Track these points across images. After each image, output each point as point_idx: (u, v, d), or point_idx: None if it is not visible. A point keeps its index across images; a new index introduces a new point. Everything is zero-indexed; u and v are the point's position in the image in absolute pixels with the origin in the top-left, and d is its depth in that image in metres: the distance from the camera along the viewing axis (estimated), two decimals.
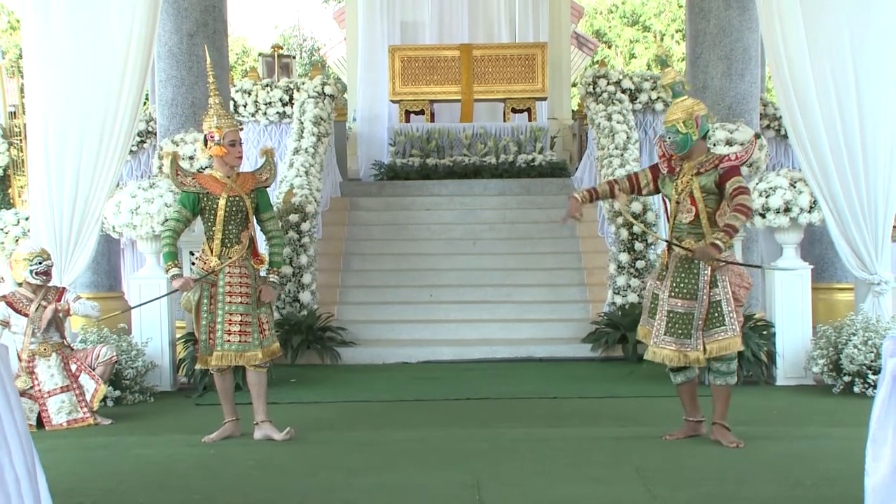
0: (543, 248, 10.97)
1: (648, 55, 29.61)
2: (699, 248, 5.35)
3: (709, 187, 5.42)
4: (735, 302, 5.48)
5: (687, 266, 5.45)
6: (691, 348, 5.45)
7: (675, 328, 5.46)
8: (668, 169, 5.58)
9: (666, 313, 5.47)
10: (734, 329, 5.40)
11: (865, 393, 6.83)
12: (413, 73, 13.35)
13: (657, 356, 5.51)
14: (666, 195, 5.59)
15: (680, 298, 5.45)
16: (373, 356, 9.14)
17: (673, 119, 5.48)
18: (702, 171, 5.45)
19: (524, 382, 7.94)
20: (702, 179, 5.43)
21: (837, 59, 7.29)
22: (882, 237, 7.47)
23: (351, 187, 12.53)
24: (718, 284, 5.43)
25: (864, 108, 7.29)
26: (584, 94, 12.19)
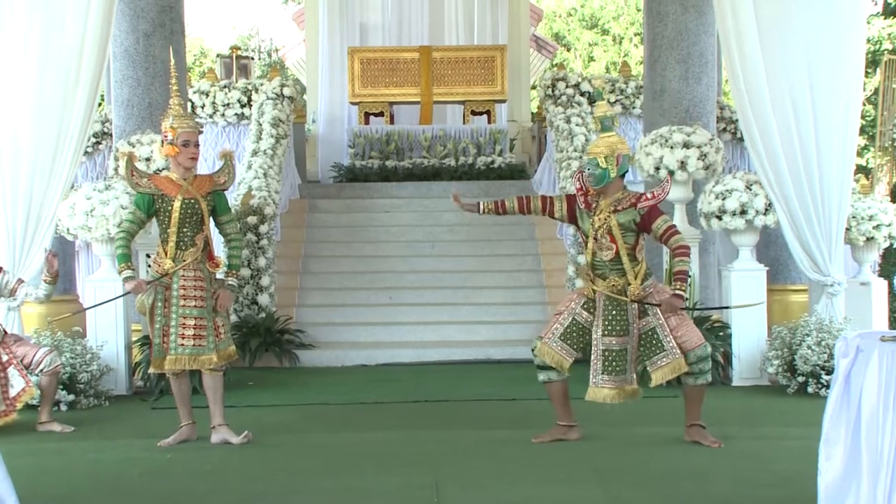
0: (502, 250, 10.99)
1: (607, 58, 29.80)
2: (665, 303, 5.43)
3: (627, 225, 5.48)
4: (677, 316, 5.52)
5: (615, 302, 5.50)
6: (628, 382, 5.53)
7: (612, 366, 5.50)
8: (584, 204, 5.61)
9: (601, 353, 5.51)
10: (675, 352, 5.45)
11: (819, 393, 6.92)
12: (372, 74, 13.32)
13: (597, 396, 5.55)
14: (583, 230, 5.62)
15: (614, 336, 5.50)
16: (331, 359, 9.10)
17: (595, 152, 5.53)
18: (619, 208, 5.50)
19: (483, 384, 7.95)
20: (620, 217, 5.48)
21: (792, 64, 7.38)
22: (835, 239, 7.57)
23: (310, 189, 12.48)
24: (648, 312, 5.50)
25: (818, 112, 7.39)
26: (543, 97, 12.24)
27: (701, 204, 7.87)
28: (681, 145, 8.11)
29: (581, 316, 5.61)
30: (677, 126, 8.40)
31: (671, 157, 8.04)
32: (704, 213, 7.81)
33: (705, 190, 7.89)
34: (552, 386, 5.72)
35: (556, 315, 5.73)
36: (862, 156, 22.13)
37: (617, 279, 5.49)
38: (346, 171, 12.77)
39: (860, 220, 8.07)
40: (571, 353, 5.62)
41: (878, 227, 8.10)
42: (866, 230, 8.09)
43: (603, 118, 5.63)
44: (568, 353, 5.60)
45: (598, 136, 5.66)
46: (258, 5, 42.21)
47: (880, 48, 24.57)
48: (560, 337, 5.60)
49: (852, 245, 8.23)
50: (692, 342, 5.51)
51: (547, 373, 5.68)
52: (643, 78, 9.62)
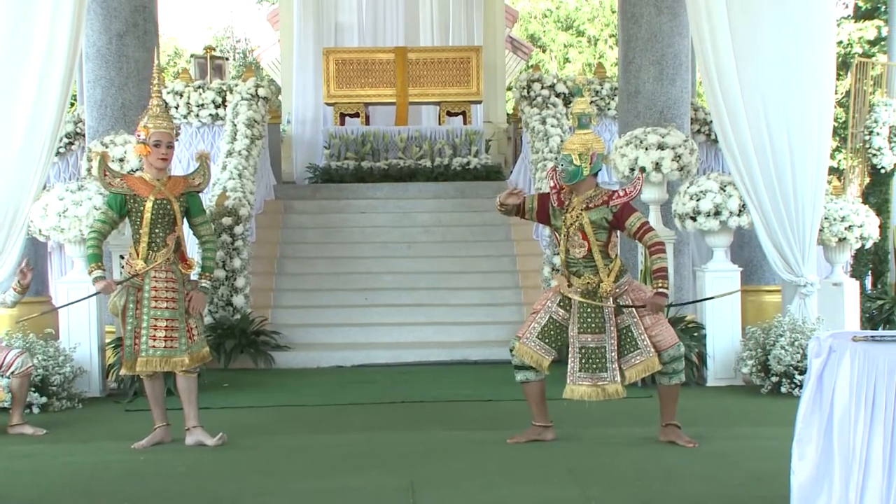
0: (478, 251, 11.00)
1: (582, 60, 29.90)
2: (649, 303, 5.46)
3: (599, 222, 5.49)
4: (652, 314, 5.55)
5: (591, 299, 5.51)
6: (608, 381, 5.51)
7: (590, 363, 5.51)
8: (557, 202, 5.63)
9: (578, 350, 5.52)
10: (649, 351, 5.48)
11: (792, 393, 6.97)
12: (348, 75, 13.29)
13: (575, 394, 5.55)
14: (555, 227, 5.64)
15: (590, 333, 5.51)
16: (307, 360, 9.08)
17: (570, 148, 5.55)
18: (591, 206, 5.51)
19: (459, 385, 7.95)
20: (592, 214, 5.49)
21: (764, 66, 7.42)
22: (808, 241, 7.63)
23: (285, 190, 12.44)
24: (624, 310, 5.52)
25: (791, 114, 7.44)
26: (518, 98, 12.27)
27: (675, 205, 7.91)
28: (655, 146, 8.14)
29: (558, 314, 5.61)
30: (652, 127, 8.44)
31: (646, 159, 8.08)
32: (679, 214, 7.85)
33: (680, 191, 7.93)
34: (529, 386, 5.72)
35: (532, 314, 5.74)
36: (834, 158, 22.33)
37: (591, 277, 5.51)
38: (322, 172, 12.74)
39: (832, 222, 8.14)
40: (550, 351, 5.62)
41: (850, 228, 8.17)
42: (838, 231, 8.15)
43: (581, 115, 5.64)
44: (546, 352, 5.61)
45: (574, 133, 5.67)
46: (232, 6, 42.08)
47: (851, 51, 24.81)
48: (538, 336, 5.61)
49: (825, 246, 8.29)
50: (666, 342, 5.54)
51: (525, 373, 5.69)
52: (618, 79, 9.66)
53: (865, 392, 3.35)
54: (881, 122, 10.06)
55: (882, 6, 24.88)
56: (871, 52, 24.50)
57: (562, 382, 5.63)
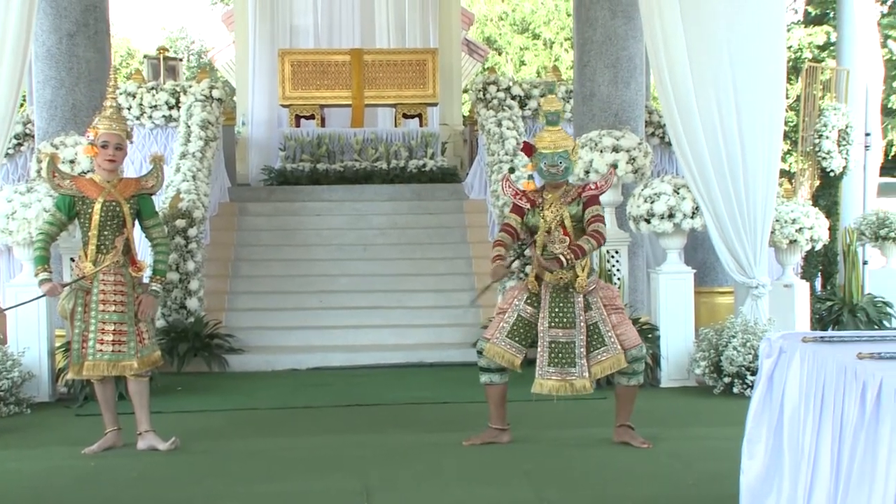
0: (434, 253, 11.00)
1: (538, 62, 30.03)
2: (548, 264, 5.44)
3: (577, 216, 5.56)
4: (617, 312, 5.59)
5: (563, 294, 5.54)
6: (576, 376, 5.51)
7: (559, 358, 5.51)
8: (529, 202, 5.65)
9: (548, 344, 5.52)
10: (615, 347, 5.51)
11: (744, 393, 7.04)
12: (303, 77, 13.24)
13: (543, 388, 5.54)
14: (532, 226, 5.64)
15: (560, 328, 5.52)
16: (262, 363, 9.02)
17: (564, 145, 5.57)
18: (568, 200, 5.57)
19: (415, 388, 7.94)
20: (571, 209, 5.56)
21: (717, 70, 7.49)
22: (760, 243, 7.71)
23: (240, 192, 12.35)
24: (592, 307, 5.55)
25: (743, 117, 7.51)
26: (474, 101, 12.28)
27: (630, 207, 7.97)
28: (610, 149, 8.20)
29: (526, 311, 5.62)
30: (607, 130, 8.49)
31: (601, 161, 8.13)
32: (633, 217, 7.91)
33: (634, 193, 7.98)
34: (493, 388, 5.72)
35: (499, 314, 5.73)
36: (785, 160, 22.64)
37: (564, 272, 5.52)
38: (277, 174, 12.67)
39: (783, 224, 8.23)
40: (521, 349, 5.62)
41: (801, 230, 8.27)
42: (789, 233, 8.25)
43: (556, 112, 5.66)
44: (518, 351, 5.61)
45: (547, 130, 5.64)
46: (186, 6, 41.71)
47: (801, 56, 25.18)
48: (507, 335, 5.61)
49: (776, 248, 8.39)
50: (630, 341, 5.57)
51: (490, 375, 5.69)
52: (573, 82, 9.70)
53: (814, 392, 3.38)
54: (830, 126, 10.20)
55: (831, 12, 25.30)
56: (821, 57, 24.89)
57: (522, 384, 5.64)
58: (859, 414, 3.03)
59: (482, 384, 5.75)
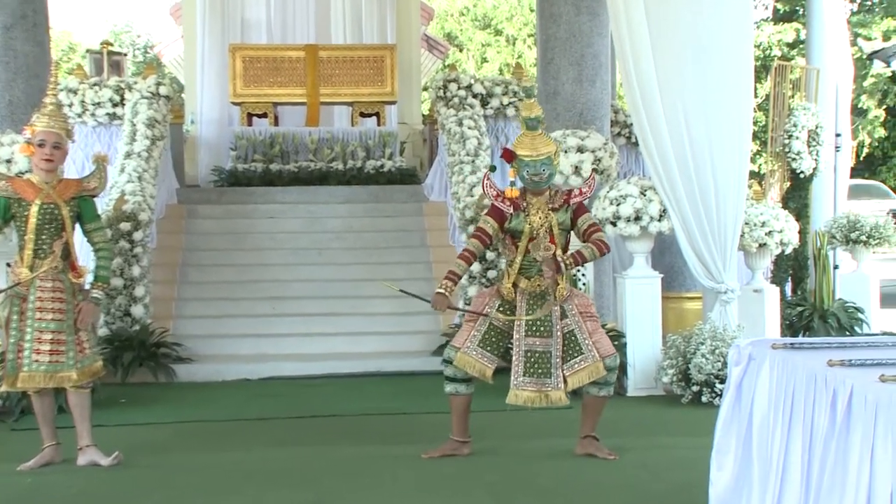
0: (392, 257, 10.97)
1: (500, 59, 30.12)
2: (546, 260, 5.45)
3: (565, 223, 5.59)
4: (592, 320, 5.61)
5: (540, 303, 5.54)
6: (552, 387, 5.50)
7: (535, 368, 5.51)
8: (512, 206, 5.64)
9: (524, 353, 5.51)
10: (593, 355, 5.52)
11: (713, 402, 7.08)
12: (255, 73, 13.15)
13: (518, 399, 5.53)
14: (516, 232, 5.62)
15: (538, 337, 5.51)
16: (211, 373, 8.94)
17: (547, 151, 5.55)
18: (555, 206, 5.60)
19: (372, 398, 7.92)
20: (559, 216, 5.58)
21: (684, 66, 7.53)
22: (729, 246, 7.77)
23: (189, 194, 12.24)
24: (568, 315, 5.57)
25: (710, 115, 7.56)
26: (434, 99, 12.28)
27: (595, 210, 8.00)
28: (575, 149, 8.22)
29: (498, 319, 5.61)
30: (571, 130, 8.52)
31: (565, 162, 8.15)
32: (599, 219, 7.93)
33: (600, 195, 8.02)
34: (458, 399, 5.70)
35: (468, 321, 5.71)
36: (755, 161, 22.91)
37: (542, 280, 5.51)
38: (228, 174, 12.58)
39: (753, 227, 8.30)
40: (493, 359, 5.60)
41: (771, 233, 8.34)
42: (759, 236, 8.32)
43: (538, 117, 5.64)
44: (489, 360, 5.58)
45: (526, 134, 5.62)
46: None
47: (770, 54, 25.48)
48: (479, 344, 5.58)
49: (745, 251, 8.46)
50: (605, 350, 5.58)
51: (456, 385, 5.66)
52: (536, 80, 9.73)
53: (784, 400, 3.41)
54: (800, 127, 10.31)
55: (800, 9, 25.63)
56: (791, 55, 25.21)
57: (486, 394, 5.63)
58: (829, 423, 3.06)
59: (447, 394, 5.72)
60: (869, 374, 3.06)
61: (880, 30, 25.35)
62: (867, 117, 25.93)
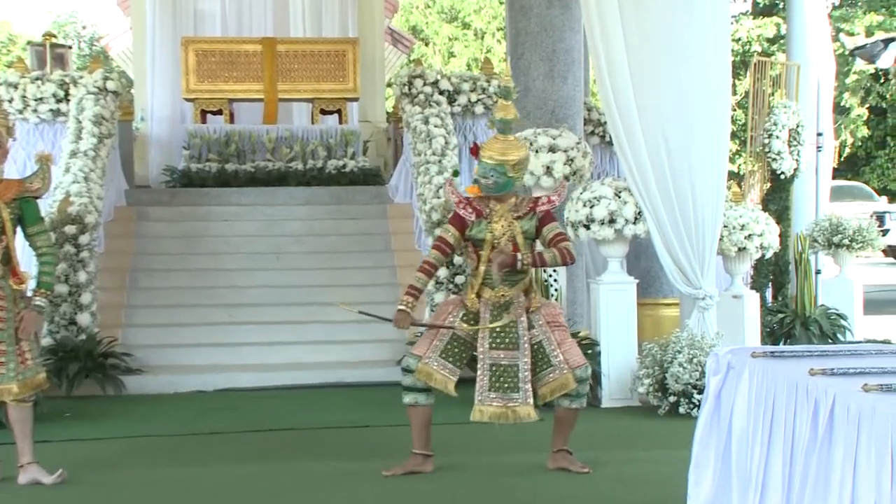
0: (355, 262, 10.96)
1: (468, 54, 30.17)
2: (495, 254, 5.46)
3: (530, 232, 5.58)
4: (561, 330, 5.63)
5: (505, 313, 5.54)
6: (520, 402, 5.48)
7: (500, 382, 5.49)
8: (475, 213, 5.64)
9: (489, 367, 5.50)
10: (563, 367, 5.52)
11: (691, 413, 7.12)
12: (209, 68, 13.09)
13: (484, 415, 5.51)
14: (477, 240, 5.62)
15: (503, 350, 5.50)
16: (163, 385, 8.89)
17: (503, 159, 5.51)
18: (520, 214, 5.59)
19: (334, 410, 7.90)
20: (523, 224, 5.57)
21: (658, 60, 7.55)
22: (707, 250, 7.81)
23: (139, 195, 12.16)
24: (535, 325, 5.58)
25: (686, 113, 7.60)
26: (399, 95, 12.27)
27: (568, 212, 8.03)
28: (546, 149, 8.25)
29: (462, 330, 5.60)
30: (543, 128, 8.55)
31: (536, 162, 8.17)
32: (572, 222, 7.97)
33: (572, 197, 8.04)
34: (417, 410, 5.67)
35: (431, 330, 5.71)
36: (734, 161, 23.11)
37: (507, 290, 5.52)
38: (181, 175, 12.51)
39: (732, 230, 8.35)
40: (455, 371, 5.58)
41: (750, 236, 8.40)
42: (738, 240, 8.37)
43: (511, 120, 5.61)
44: (452, 373, 5.57)
45: (496, 138, 5.61)
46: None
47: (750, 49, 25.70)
48: (441, 355, 5.57)
49: (724, 256, 8.51)
50: (575, 360, 5.59)
51: (415, 395, 5.64)
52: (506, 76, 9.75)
53: (764, 411, 3.44)
54: (780, 125, 10.40)
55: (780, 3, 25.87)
56: (771, 51, 25.45)
57: (453, 405, 5.62)
58: (811, 434, 3.08)
59: (405, 405, 5.71)
60: (852, 383, 3.08)
61: (863, 25, 25.66)
62: (849, 116, 26.23)
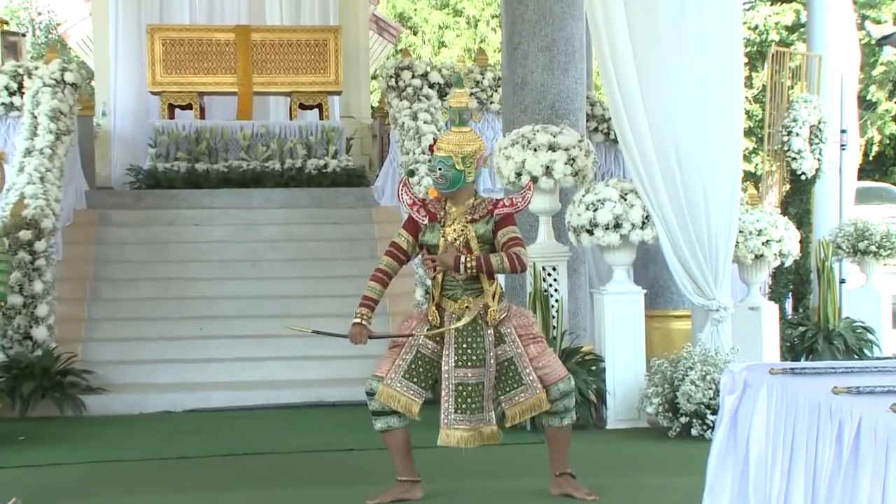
0: (338, 270, 10.96)
1: (461, 44, 30.21)
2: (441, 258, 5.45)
3: (486, 236, 5.51)
4: (535, 342, 5.60)
5: (471, 328, 5.51)
6: (485, 422, 5.49)
7: (467, 403, 5.47)
8: (428, 216, 5.63)
9: (454, 387, 5.47)
10: (535, 387, 5.49)
11: (704, 436, 7.13)
12: (178, 58, 13.10)
13: (451, 439, 5.50)
14: (430, 245, 5.62)
15: (470, 368, 5.47)
16: (127, 405, 8.89)
17: (450, 150, 5.50)
18: (476, 217, 5.54)
19: (314, 432, 7.91)
20: (478, 227, 5.52)
21: (666, 52, 7.55)
22: (721, 258, 7.80)
23: (101, 198, 12.17)
24: (506, 339, 5.54)
25: (697, 108, 7.60)
26: (385, 89, 12.30)
27: (569, 216, 8.04)
28: (546, 147, 8.25)
29: (426, 347, 5.58)
30: (542, 125, 8.55)
31: (534, 162, 8.17)
32: (574, 227, 7.98)
33: (574, 200, 8.05)
34: (392, 435, 5.66)
35: (393, 348, 5.70)
36: (750, 161, 23.16)
37: (470, 300, 5.52)
38: (147, 175, 12.52)
39: (748, 235, 8.35)
40: (420, 393, 5.56)
41: (768, 242, 8.40)
42: (755, 247, 8.37)
43: (461, 110, 5.62)
44: (416, 394, 5.55)
45: (452, 131, 5.60)
46: None
47: (767, 38, 25.75)
48: (404, 375, 5.55)
49: (739, 264, 8.52)
50: (554, 374, 5.58)
51: (385, 419, 5.63)
52: (501, 68, 9.77)
53: (784, 433, 3.45)
54: (801, 122, 10.40)
55: None
56: (790, 40, 25.50)
57: (434, 427, 5.63)
58: (835, 458, 3.09)
59: (378, 431, 5.69)
60: (879, 402, 3.08)
61: (891, 12, 25.72)
62: (876, 111, 26.25)
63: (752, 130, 22.83)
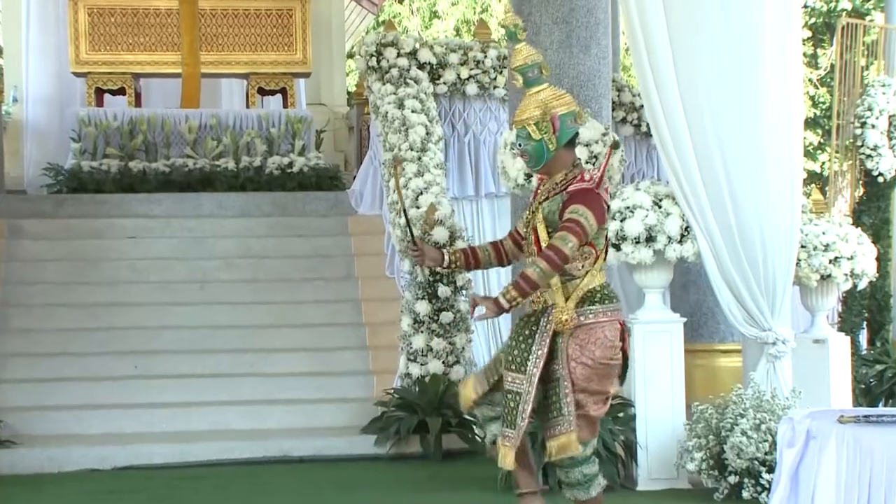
0: (306, 294, 10.97)
1: (457, 14, 30.25)
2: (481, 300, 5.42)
3: (553, 219, 5.40)
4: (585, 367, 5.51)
5: (525, 323, 5.50)
6: (511, 444, 5.37)
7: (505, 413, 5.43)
8: (533, 195, 5.66)
9: (505, 391, 5.47)
10: (570, 421, 5.36)
11: (758, 499, 7.13)
12: (108, 32, 13.14)
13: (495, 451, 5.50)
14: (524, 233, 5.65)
15: (512, 371, 5.44)
16: (44, 461, 8.87)
17: (523, 119, 5.48)
18: (551, 195, 5.47)
19: (277, 494, 7.91)
20: (547, 206, 5.45)
21: (707, 25, 7.62)
22: (779, 280, 7.79)
23: (10, 204, 12.18)
24: (558, 355, 5.43)
25: (744, 96, 7.63)
26: (364, 70, 12.31)
27: None
28: None
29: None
30: None
31: None
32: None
33: None
34: None
35: None
36: (814, 159, 23.21)
37: (545, 296, 5.43)
38: (69, 176, 12.53)
39: (812, 252, 8.31)
40: (483, 383, 5.60)
41: (837, 260, 8.38)
42: (821, 265, 8.35)
43: (524, 68, 5.53)
44: (478, 382, 5.61)
45: (524, 96, 5.57)
46: None
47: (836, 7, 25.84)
48: (488, 364, 5.68)
49: (801, 286, 8.50)
50: (585, 427, 5.56)
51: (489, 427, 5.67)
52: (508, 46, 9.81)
53: (858, 494, 3.46)
54: (877, 110, 10.36)
55: None
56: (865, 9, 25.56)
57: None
58: None
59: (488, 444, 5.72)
60: None
61: None
62: None
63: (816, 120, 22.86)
